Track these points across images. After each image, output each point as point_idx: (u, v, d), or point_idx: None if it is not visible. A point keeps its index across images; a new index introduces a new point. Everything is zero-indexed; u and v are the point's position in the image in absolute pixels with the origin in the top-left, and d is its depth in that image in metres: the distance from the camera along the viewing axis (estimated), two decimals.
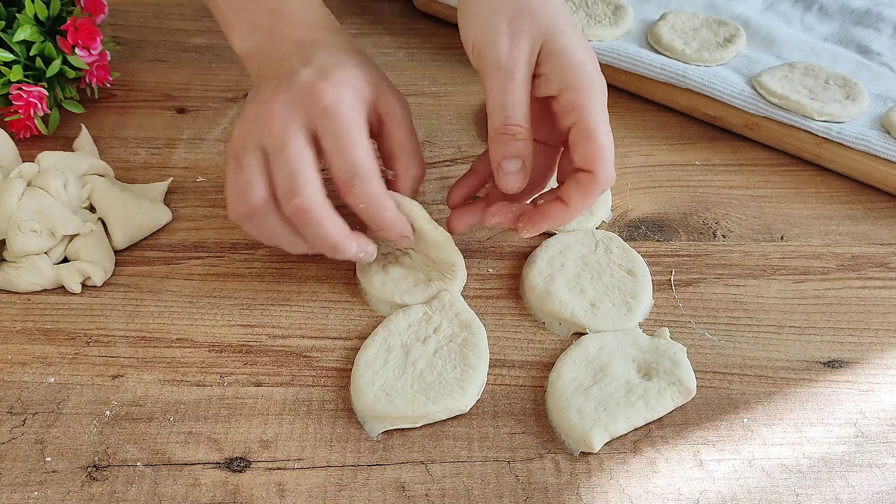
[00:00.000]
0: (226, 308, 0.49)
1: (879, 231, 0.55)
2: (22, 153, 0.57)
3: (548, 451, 0.42)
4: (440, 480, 0.41)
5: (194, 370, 0.45)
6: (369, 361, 0.44)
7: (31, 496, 0.39)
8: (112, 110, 0.63)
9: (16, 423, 0.42)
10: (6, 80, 0.56)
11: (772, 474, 0.41)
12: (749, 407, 0.44)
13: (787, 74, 0.61)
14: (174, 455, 0.41)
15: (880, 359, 0.47)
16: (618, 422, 0.42)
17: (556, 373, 0.44)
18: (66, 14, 0.59)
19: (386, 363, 0.44)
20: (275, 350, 0.46)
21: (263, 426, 0.43)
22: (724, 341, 0.48)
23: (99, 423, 0.42)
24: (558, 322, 0.48)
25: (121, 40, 0.71)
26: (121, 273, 0.50)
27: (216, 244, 0.52)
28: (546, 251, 0.51)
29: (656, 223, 0.55)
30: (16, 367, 0.45)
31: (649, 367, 0.44)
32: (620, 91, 0.66)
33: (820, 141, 0.58)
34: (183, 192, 0.56)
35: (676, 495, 0.40)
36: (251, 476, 0.41)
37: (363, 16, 0.76)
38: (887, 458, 0.42)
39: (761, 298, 0.50)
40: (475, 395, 0.44)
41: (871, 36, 0.68)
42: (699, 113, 0.63)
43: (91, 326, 0.47)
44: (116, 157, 0.58)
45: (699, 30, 0.66)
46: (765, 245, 0.54)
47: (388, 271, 0.49)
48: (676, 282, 0.51)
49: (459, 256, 0.48)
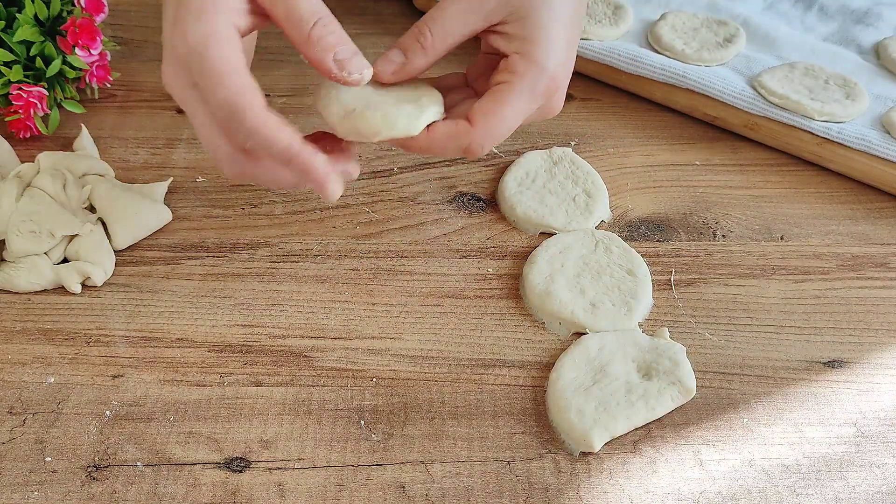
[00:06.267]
0: (226, 308, 0.49)
1: (879, 231, 0.55)
2: (22, 153, 0.57)
3: (548, 451, 0.42)
4: (440, 480, 0.41)
5: (194, 370, 0.45)
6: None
7: (31, 496, 0.39)
8: (112, 110, 0.63)
9: (16, 423, 0.42)
10: (6, 80, 0.56)
11: (772, 474, 0.41)
12: (749, 407, 0.44)
13: (788, 74, 0.61)
14: (174, 455, 0.41)
15: (880, 359, 0.47)
16: (618, 422, 0.42)
17: (556, 373, 0.44)
18: (66, 14, 0.59)
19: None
20: (275, 350, 0.46)
21: (263, 426, 0.43)
22: (724, 341, 0.48)
23: (99, 423, 0.42)
24: (558, 322, 0.48)
25: (121, 40, 0.71)
26: (121, 273, 0.50)
27: (216, 244, 0.52)
28: (546, 251, 0.51)
29: (656, 223, 0.55)
30: (16, 367, 0.45)
31: (649, 367, 0.44)
32: (620, 91, 0.66)
33: (820, 141, 0.58)
34: (183, 192, 0.56)
35: (676, 495, 0.40)
36: (251, 476, 0.41)
37: (363, 16, 0.76)
38: (887, 458, 0.42)
39: (761, 298, 0.50)
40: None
41: (871, 36, 0.68)
42: (699, 113, 0.63)
43: (91, 326, 0.47)
44: (116, 157, 0.58)
45: (699, 30, 0.66)
46: (765, 245, 0.54)
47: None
48: (676, 282, 0.51)
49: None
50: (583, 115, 0.65)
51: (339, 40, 0.39)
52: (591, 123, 0.64)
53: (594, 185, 0.56)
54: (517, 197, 0.55)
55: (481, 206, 0.56)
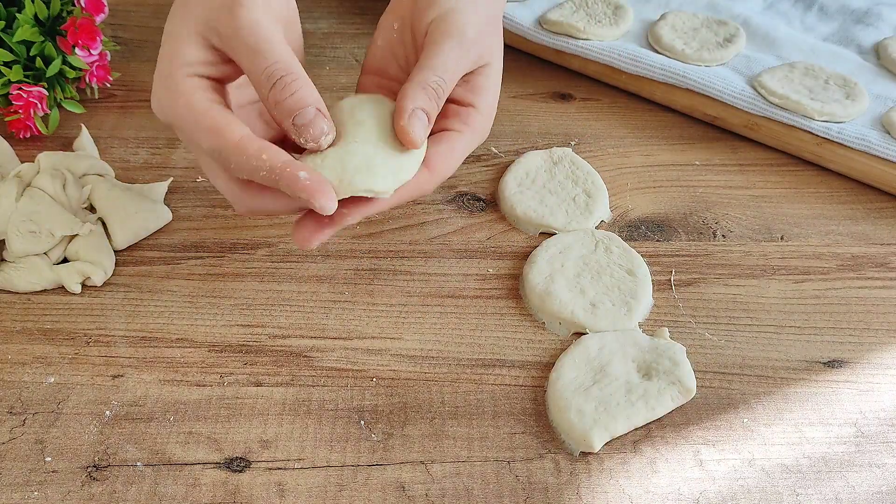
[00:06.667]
0: (226, 308, 0.49)
1: (879, 231, 0.55)
2: (22, 153, 0.57)
3: (548, 451, 0.42)
4: (440, 480, 0.41)
5: (194, 370, 0.45)
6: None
7: (31, 496, 0.39)
8: (112, 110, 0.63)
9: (16, 423, 0.42)
10: (6, 80, 0.56)
11: (772, 474, 0.41)
12: (749, 407, 0.44)
13: (788, 74, 0.61)
14: (174, 455, 0.41)
15: (880, 359, 0.47)
16: (618, 422, 0.42)
17: (556, 373, 0.44)
18: (66, 14, 0.59)
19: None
20: (275, 350, 0.46)
21: (263, 426, 0.43)
22: (724, 341, 0.48)
23: (99, 423, 0.42)
24: (558, 322, 0.48)
25: (121, 40, 0.71)
26: (121, 273, 0.50)
27: (216, 244, 0.52)
28: (546, 251, 0.51)
29: (656, 223, 0.55)
30: (16, 367, 0.45)
31: (649, 367, 0.44)
32: (620, 91, 0.66)
33: (820, 141, 0.58)
34: (183, 192, 0.56)
35: (676, 495, 0.40)
36: (251, 476, 0.41)
37: (363, 16, 0.76)
38: (887, 458, 0.42)
39: (761, 298, 0.50)
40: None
41: (871, 36, 0.68)
42: (699, 113, 0.63)
43: (91, 326, 0.47)
44: (116, 157, 0.58)
45: (699, 30, 0.66)
46: (765, 245, 0.54)
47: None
48: (676, 282, 0.51)
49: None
50: (583, 115, 0.65)
51: (298, 103, 0.37)
52: (591, 123, 0.64)
53: (594, 185, 0.56)
54: (517, 197, 0.55)
55: (481, 206, 0.56)
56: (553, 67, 0.69)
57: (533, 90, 0.67)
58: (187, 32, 0.39)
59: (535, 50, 0.68)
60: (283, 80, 0.37)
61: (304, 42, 0.45)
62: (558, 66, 0.68)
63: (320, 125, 0.38)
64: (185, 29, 0.39)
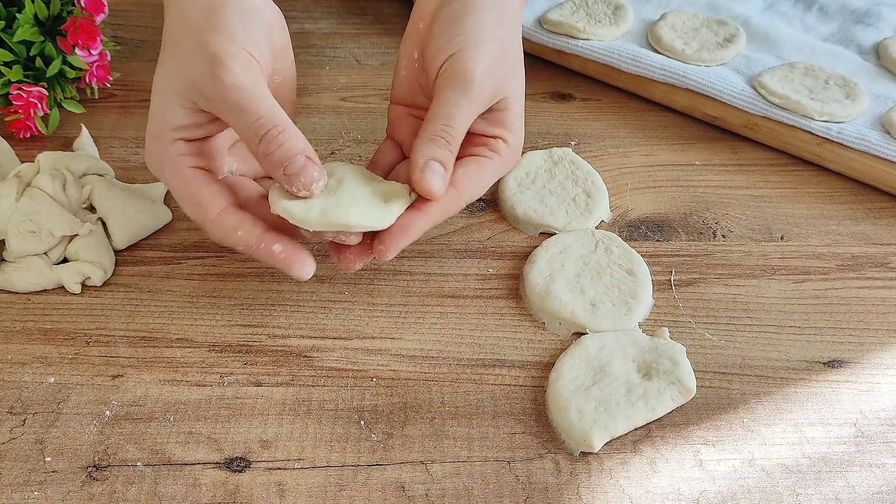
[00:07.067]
0: (226, 308, 0.49)
1: (879, 231, 0.55)
2: (22, 153, 0.57)
3: (548, 451, 0.42)
4: (440, 480, 0.41)
5: (194, 370, 0.45)
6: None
7: (31, 496, 0.39)
8: (112, 110, 0.63)
9: (16, 423, 0.42)
10: (6, 80, 0.56)
11: (772, 474, 0.41)
12: (749, 407, 0.44)
13: (788, 74, 0.61)
14: (174, 455, 0.41)
15: (880, 359, 0.47)
16: (618, 422, 0.42)
17: (556, 373, 0.44)
18: (66, 14, 0.59)
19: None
20: (275, 350, 0.46)
21: (263, 426, 0.43)
22: (724, 341, 0.48)
23: (99, 423, 0.42)
24: (558, 322, 0.48)
25: (121, 40, 0.71)
26: (121, 273, 0.50)
27: (216, 244, 0.52)
28: (546, 251, 0.51)
29: (656, 223, 0.55)
30: (16, 367, 0.45)
31: (649, 367, 0.44)
32: (620, 91, 0.66)
33: (820, 141, 0.58)
34: None
35: (676, 495, 0.40)
36: (251, 476, 0.41)
37: (363, 16, 0.76)
38: (887, 458, 0.42)
39: (761, 298, 0.50)
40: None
41: (871, 36, 0.68)
42: (699, 113, 0.63)
43: (91, 326, 0.47)
44: (116, 157, 0.58)
45: (699, 30, 0.66)
46: (765, 245, 0.54)
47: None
48: (676, 282, 0.51)
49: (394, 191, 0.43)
50: (583, 115, 0.65)
51: (286, 153, 0.38)
52: (591, 123, 0.64)
53: (594, 185, 0.56)
54: (517, 197, 0.55)
55: (481, 206, 0.56)
56: (553, 67, 0.69)
57: (533, 90, 0.67)
58: (173, 93, 0.41)
59: (535, 50, 0.68)
60: (270, 133, 0.38)
61: (304, 42, 0.45)
62: (558, 66, 0.68)
63: (311, 172, 0.39)
64: (172, 89, 0.41)
